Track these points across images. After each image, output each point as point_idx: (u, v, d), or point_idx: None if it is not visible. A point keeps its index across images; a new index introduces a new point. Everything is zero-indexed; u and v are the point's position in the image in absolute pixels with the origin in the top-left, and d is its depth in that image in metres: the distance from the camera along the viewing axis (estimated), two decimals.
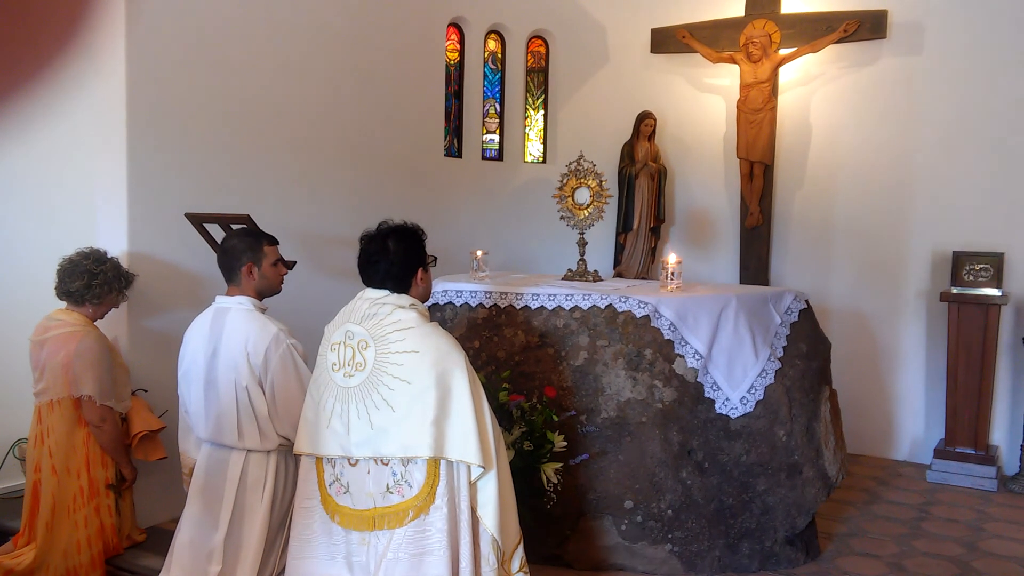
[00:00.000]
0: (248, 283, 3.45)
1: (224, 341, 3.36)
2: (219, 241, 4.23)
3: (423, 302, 3.02)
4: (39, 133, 4.71)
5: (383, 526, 2.78)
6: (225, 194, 4.85)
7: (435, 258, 3.12)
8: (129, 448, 4.05)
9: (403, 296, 2.91)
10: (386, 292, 2.91)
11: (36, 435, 3.92)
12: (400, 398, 2.73)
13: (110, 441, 3.92)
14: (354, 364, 2.84)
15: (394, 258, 2.91)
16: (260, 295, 3.49)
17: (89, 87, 4.48)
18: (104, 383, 3.86)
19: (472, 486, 2.78)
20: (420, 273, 2.98)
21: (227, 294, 3.48)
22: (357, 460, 2.82)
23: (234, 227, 4.24)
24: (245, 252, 3.45)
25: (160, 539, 4.09)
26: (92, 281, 3.90)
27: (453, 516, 2.75)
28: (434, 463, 2.73)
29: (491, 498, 2.79)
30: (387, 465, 2.78)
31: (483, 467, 2.73)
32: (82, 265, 3.92)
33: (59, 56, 4.58)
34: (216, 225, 4.42)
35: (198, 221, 4.43)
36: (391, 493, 2.78)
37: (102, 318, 4.12)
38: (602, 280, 4.72)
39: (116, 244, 4.34)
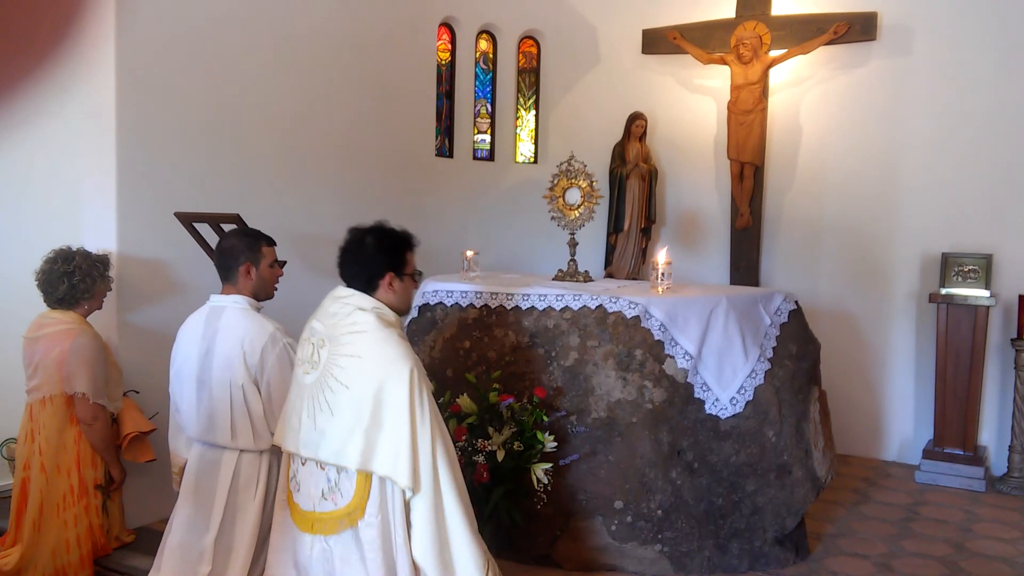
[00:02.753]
0: (245, 283, 3.45)
1: (219, 340, 3.35)
2: (208, 241, 4.24)
3: (397, 311, 2.87)
4: (28, 133, 4.69)
5: (319, 531, 2.70)
6: (215, 193, 4.84)
7: (420, 272, 2.98)
8: (119, 449, 4.03)
9: (367, 298, 2.80)
10: (353, 292, 2.83)
11: (27, 432, 3.91)
12: (340, 402, 2.64)
13: (101, 440, 3.91)
14: (311, 362, 2.77)
15: (364, 257, 2.83)
16: (255, 296, 3.49)
17: (78, 87, 4.46)
18: (98, 381, 3.85)
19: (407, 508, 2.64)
20: (390, 278, 2.83)
21: (222, 293, 3.48)
22: (305, 460, 2.76)
23: (224, 226, 4.23)
24: (244, 252, 3.44)
25: (149, 539, 4.07)
26: (72, 280, 3.88)
27: (387, 535, 2.63)
28: (365, 476, 2.61)
29: (422, 525, 2.60)
30: (324, 470, 2.70)
31: (411, 489, 2.58)
32: (55, 271, 3.90)
33: (49, 57, 4.56)
34: (206, 224, 4.41)
35: (187, 220, 4.41)
36: (325, 499, 2.69)
37: (100, 307, 4.11)
38: (592, 280, 4.73)
39: (105, 244, 4.32)
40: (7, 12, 4.68)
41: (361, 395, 2.60)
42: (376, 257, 2.82)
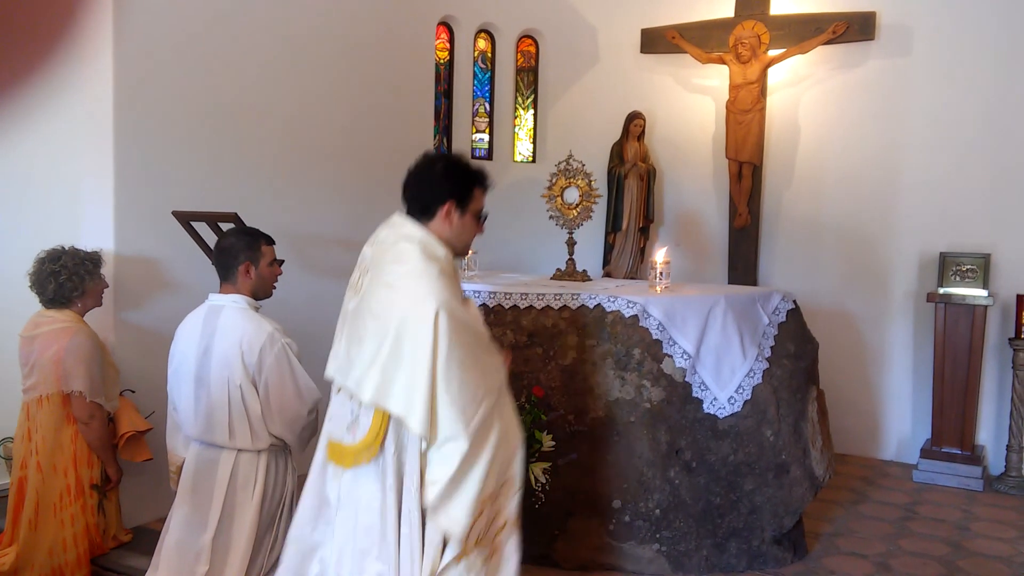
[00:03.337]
0: (245, 282, 3.46)
1: (217, 339, 3.35)
2: (206, 240, 4.23)
3: (452, 249, 2.67)
4: (26, 133, 4.67)
5: (339, 462, 2.62)
6: (213, 192, 4.83)
7: (486, 216, 2.76)
8: (115, 448, 4.03)
9: (419, 228, 2.62)
10: (406, 220, 2.66)
11: (23, 432, 3.90)
12: (368, 331, 2.51)
13: (97, 439, 3.90)
14: (355, 287, 2.67)
15: (428, 180, 2.67)
16: (254, 295, 3.49)
17: (76, 87, 4.45)
18: (95, 379, 3.84)
19: (423, 454, 2.48)
20: (450, 208, 2.63)
21: (221, 292, 3.48)
22: (339, 387, 2.66)
23: (222, 225, 4.22)
24: (243, 251, 3.45)
25: (146, 539, 4.07)
26: (59, 279, 3.87)
27: (399, 479, 2.50)
28: (382, 413, 2.48)
29: (438, 475, 2.45)
30: (350, 400, 2.61)
31: (424, 438, 2.42)
32: (44, 270, 3.89)
33: (46, 56, 4.55)
34: (204, 223, 4.41)
35: (185, 219, 4.41)
36: (347, 432, 2.60)
37: (100, 304, 4.10)
38: (591, 280, 4.72)
39: (103, 243, 4.31)
40: (5, 12, 4.67)
41: (385, 328, 2.46)
42: (440, 182, 2.66)
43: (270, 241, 3.57)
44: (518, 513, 2.62)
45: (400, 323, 2.44)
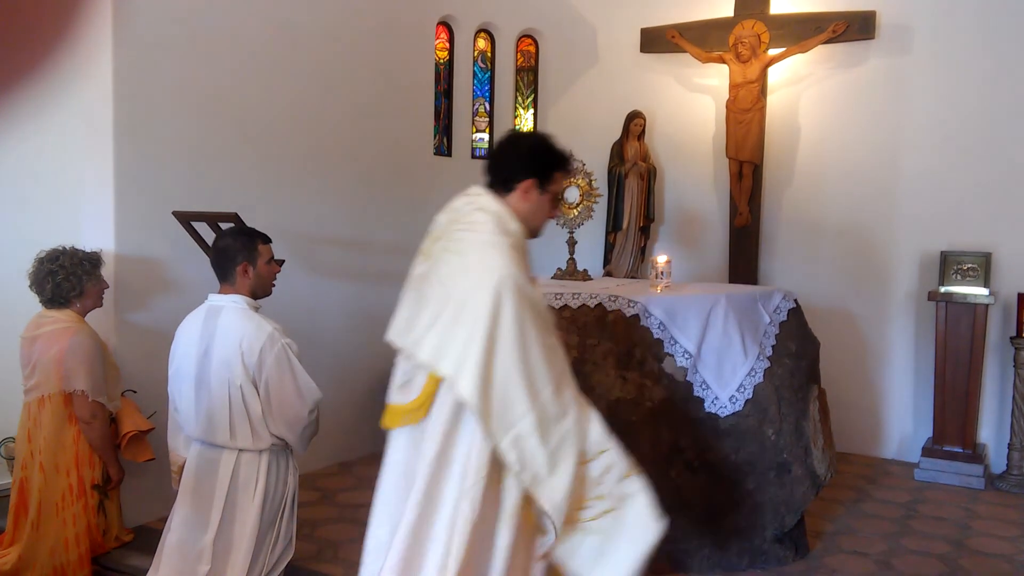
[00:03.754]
0: (243, 282, 3.46)
1: (217, 340, 3.35)
2: (207, 240, 4.23)
3: (527, 225, 2.66)
4: (25, 133, 4.67)
5: (389, 423, 2.63)
6: (213, 192, 4.83)
7: (563, 200, 2.77)
8: (117, 448, 4.03)
9: (495, 201, 2.62)
10: (484, 191, 2.67)
11: (25, 432, 3.90)
12: (433, 295, 2.53)
13: (99, 439, 3.90)
14: (425, 253, 2.69)
15: (513, 154, 2.69)
16: (254, 295, 3.50)
17: (76, 87, 4.45)
18: (97, 379, 3.84)
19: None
20: (530, 185, 2.63)
21: (220, 292, 3.48)
22: (399, 349, 2.66)
23: (222, 225, 4.22)
24: (240, 251, 3.45)
25: (148, 539, 4.06)
26: (56, 280, 3.87)
27: (447, 448, 2.47)
28: (435, 378, 2.47)
29: (513, 458, 2.41)
30: (406, 362, 2.62)
31: (476, 410, 2.38)
32: (42, 270, 3.90)
33: (46, 56, 4.54)
34: (204, 223, 4.40)
35: (186, 219, 4.41)
36: (399, 392, 2.62)
37: (100, 305, 4.10)
38: (591, 279, 4.72)
39: (103, 243, 4.31)
40: (4, 12, 4.66)
41: (449, 293, 2.48)
42: (525, 158, 2.66)
43: (267, 240, 3.57)
44: (631, 462, 2.57)
45: (464, 290, 2.45)
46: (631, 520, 2.49)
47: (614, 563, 2.46)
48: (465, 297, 2.44)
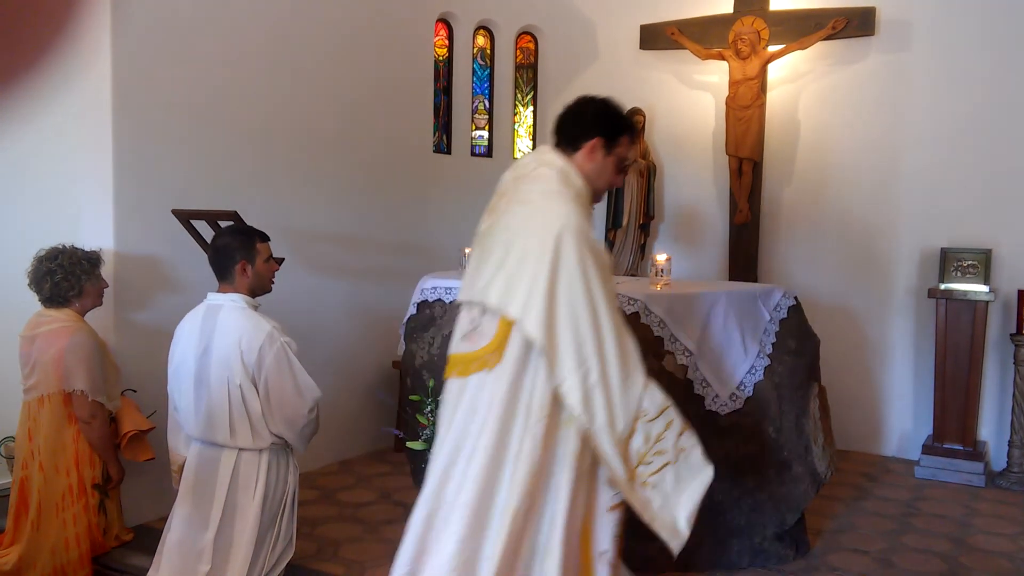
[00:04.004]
0: (242, 281, 3.46)
1: (216, 339, 3.35)
2: (206, 238, 4.22)
3: (590, 183, 2.74)
4: (23, 130, 4.66)
5: (457, 373, 2.67)
6: (212, 190, 4.82)
7: (626, 163, 2.84)
8: (117, 448, 4.02)
9: (560, 157, 2.73)
10: (552, 149, 2.78)
11: (24, 432, 3.90)
12: (498, 242, 2.61)
13: (99, 438, 3.90)
14: (490, 210, 2.75)
15: (583, 114, 2.78)
16: (252, 293, 3.50)
17: (74, 84, 4.44)
18: (96, 378, 3.84)
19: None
20: (596, 144, 2.73)
21: (219, 291, 3.47)
22: (463, 303, 2.74)
23: (222, 224, 4.21)
24: (239, 250, 3.45)
25: (148, 538, 4.06)
26: (55, 279, 3.87)
27: (515, 392, 2.53)
28: (506, 322, 2.53)
29: (563, 377, 2.47)
30: (473, 311, 2.67)
31: (541, 348, 2.44)
32: (41, 269, 3.89)
33: (44, 52, 4.54)
34: (203, 222, 4.40)
35: (185, 218, 4.40)
36: (465, 340, 2.66)
37: (100, 304, 4.09)
38: None
39: (102, 241, 4.31)
40: (2, 9, 4.65)
41: (514, 238, 2.56)
42: (593, 118, 2.77)
43: (265, 238, 3.57)
44: (685, 419, 2.65)
45: (528, 235, 2.54)
46: (689, 470, 2.62)
47: (679, 510, 2.60)
48: (529, 242, 2.52)
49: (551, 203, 2.58)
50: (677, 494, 2.59)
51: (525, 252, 2.52)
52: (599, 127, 2.75)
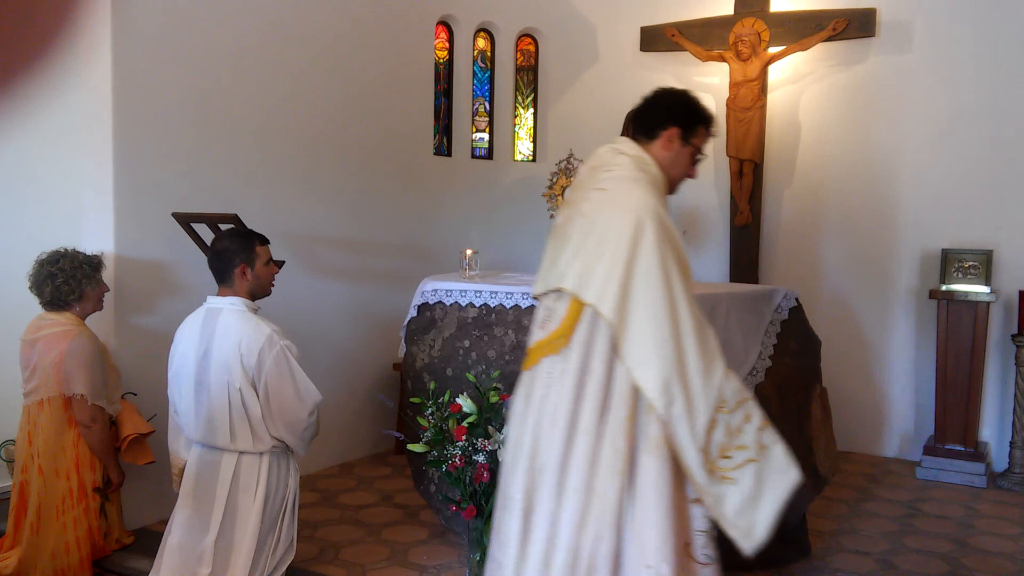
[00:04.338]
0: (241, 284, 3.45)
1: (216, 342, 3.35)
2: (207, 241, 4.22)
3: (666, 173, 2.73)
4: (23, 133, 4.67)
5: (530, 362, 2.65)
6: (212, 193, 4.83)
7: (702, 157, 2.86)
8: (118, 451, 4.02)
9: (636, 146, 2.72)
10: (628, 140, 2.76)
11: (24, 435, 3.89)
12: (576, 229, 2.59)
13: (99, 442, 3.89)
14: (566, 203, 2.75)
15: (660, 104, 2.77)
16: (252, 296, 3.49)
17: (75, 87, 4.44)
18: (96, 382, 3.83)
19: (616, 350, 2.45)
20: (673, 134, 2.73)
21: (218, 295, 3.47)
22: (540, 297, 2.72)
23: (222, 227, 4.21)
24: (238, 253, 3.44)
25: (149, 541, 4.06)
26: (56, 282, 3.86)
27: (583, 367, 2.49)
28: (578, 305, 2.50)
29: (639, 362, 2.41)
30: (548, 299, 2.65)
31: (614, 327, 2.41)
32: (42, 272, 3.89)
33: (44, 55, 4.54)
34: (204, 225, 4.39)
35: (185, 221, 4.40)
36: (540, 328, 2.65)
37: (100, 308, 4.09)
38: None
39: (102, 245, 4.31)
40: (2, 11, 4.66)
41: (592, 224, 2.54)
42: (672, 107, 2.77)
43: (264, 241, 3.56)
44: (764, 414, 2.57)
45: (606, 220, 2.51)
46: (772, 469, 2.50)
47: (759, 511, 2.50)
48: (607, 227, 2.50)
49: (628, 189, 2.58)
50: (758, 494, 2.49)
51: (603, 237, 2.50)
52: (677, 116, 2.75)
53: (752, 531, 2.52)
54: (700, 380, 2.43)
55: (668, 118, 2.73)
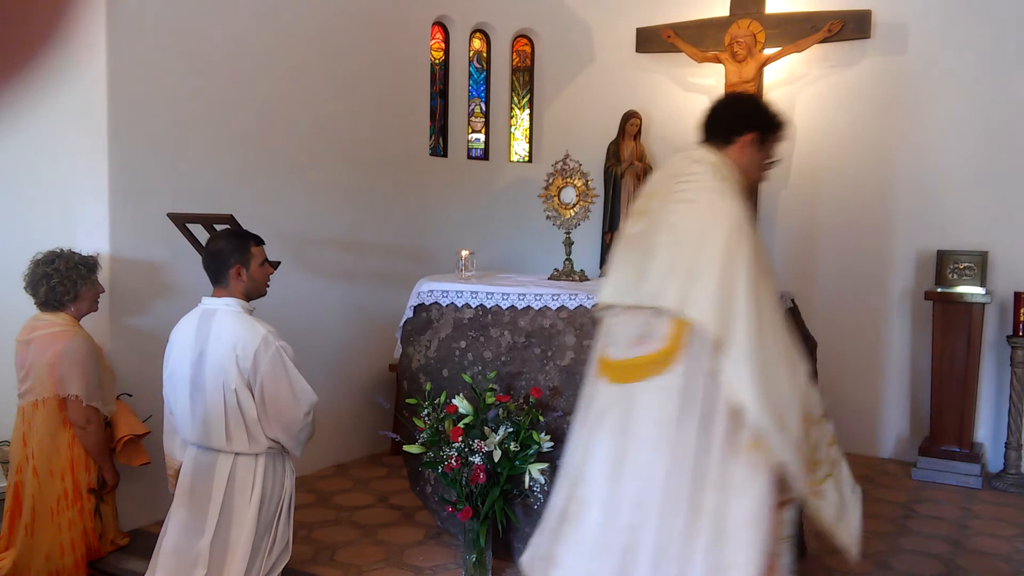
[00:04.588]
0: (236, 285, 3.44)
1: (211, 343, 3.34)
2: (202, 241, 4.21)
3: (744, 175, 2.76)
4: (18, 133, 4.65)
5: (625, 379, 2.63)
6: (208, 194, 4.81)
7: (774, 161, 2.88)
8: (113, 452, 4.01)
9: (712, 153, 2.73)
10: (702, 146, 2.78)
11: (19, 436, 3.88)
12: (664, 245, 2.58)
13: (95, 444, 3.88)
14: (642, 212, 2.74)
15: (738, 111, 2.81)
16: (247, 296, 3.48)
17: (69, 86, 4.43)
18: (91, 383, 3.82)
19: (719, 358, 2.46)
20: (751, 139, 2.75)
21: (213, 295, 3.46)
22: (621, 308, 2.70)
23: (217, 227, 4.20)
24: (233, 254, 3.43)
25: (144, 542, 4.05)
26: (51, 283, 3.85)
27: (692, 387, 2.50)
28: (680, 323, 2.50)
29: (739, 374, 2.42)
30: (640, 315, 2.61)
31: (720, 340, 2.42)
32: (37, 272, 3.88)
33: (38, 55, 4.52)
34: (199, 225, 4.38)
35: (180, 221, 4.39)
36: (638, 345, 2.61)
37: (96, 309, 4.08)
38: (588, 280, 4.71)
39: (98, 246, 4.30)
40: None
41: (684, 239, 2.54)
42: (750, 113, 2.80)
43: (259, 241, 3.55)
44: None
45: (697, 234, 2.52)
46: (845, 484, 2.67)
47: (849, 524, 2.64)
48: (699, 241, 2.51)
49: (716, 200, 2.58)
50: (842, 508, 2.62)
51: (696, 253, 2.51)
52: (754, 122, 2.77)
53: (849, 541, 2.65)
54: (791, 394, 2.47)
55: (745, 124, 2.77)
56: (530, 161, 7.62)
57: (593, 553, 2.63)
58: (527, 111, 7.65)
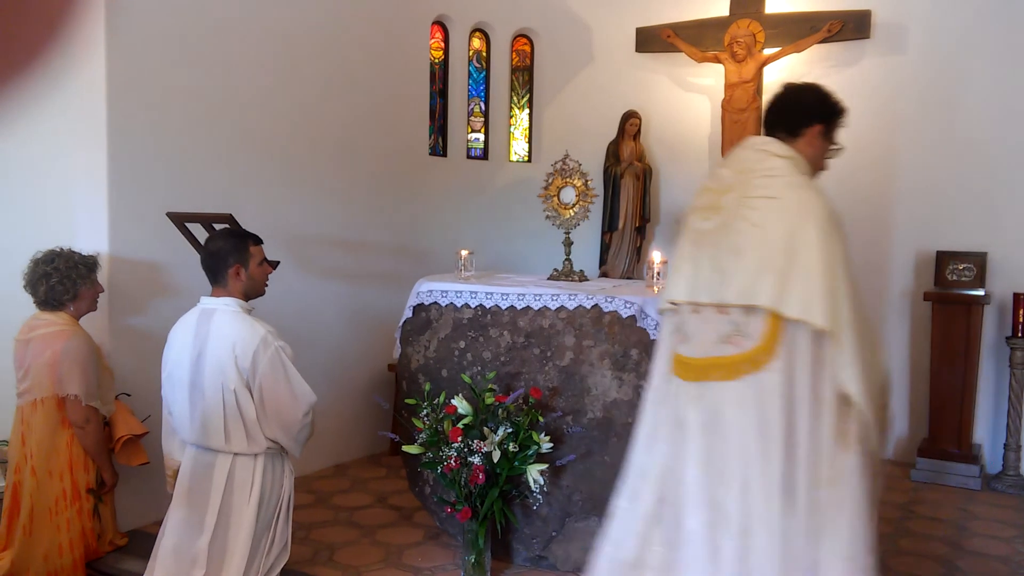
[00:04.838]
0: (235, 285, 3.44)
1: (210, 343, 3.33)
2: (201, 241, 4.21)
3: (813, 167, 2.81)
4: (17, 133, 4.64)
5: (714, 377, 2.60)
6: (207, 193, 4.81)
7: (837, 148, 2.93)
8: (112, 452, 4.01)
9: (785, 147, 2.73)
10: (770, 140, 2.77)
11: (18, 436, 3.87)
12: (749, 242, 2.56)
13: (93, 444, 3.88)
14: (711, 208, 2.71)
15: (802, 103, 2.80)
16: (246, 296, 3.48)
17: (69, 86, 4.42)
18: (90, 383, 3.82)
19: (817, 351, 2.48)
20: (818, 131, 2.79)
21: (212, 295, 3.46)
22: (699, 306, 2.67)
23: (216, 227, 4.20)
24: (232, 253, 3.43)
25: (142, 542, 4.05)
26: (50, 282, 3.85)
27: (791, 381, 2.49)
28: (776, 319, 2.49)
29: (847, 363, 2.46)
30: (727, 314, 2.59)
31: (829, 332, 2.44)
32: (37, 271, 3.87)
33: (37, 54, 4.51)
34: (198, 224, 4.38)
35: (180, 221, 4.38)
36: (726, 344, 2.59)
37: (95, 308, 4.07)
38: (588, 280, 4.70)
39: (97, 245, 4.29)
40: None
41: (774, 236, 2.53)
42: (817, 104, 2.82)
43: (258, 241, 3.55)
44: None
45: (787, 230, 2.53)
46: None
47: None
48: (791, 237, 2.52)
49: (801, 196, 2.60)
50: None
51: (789, 249, 2.51)
52: (821, 113, 2.81)
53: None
54: (881, 383, 2.58)
55: (812, 115, 2.80)
56: (529, 161, 7.62)
57: (703, 559, 2.58)
58: (527, 111, 7.65)
